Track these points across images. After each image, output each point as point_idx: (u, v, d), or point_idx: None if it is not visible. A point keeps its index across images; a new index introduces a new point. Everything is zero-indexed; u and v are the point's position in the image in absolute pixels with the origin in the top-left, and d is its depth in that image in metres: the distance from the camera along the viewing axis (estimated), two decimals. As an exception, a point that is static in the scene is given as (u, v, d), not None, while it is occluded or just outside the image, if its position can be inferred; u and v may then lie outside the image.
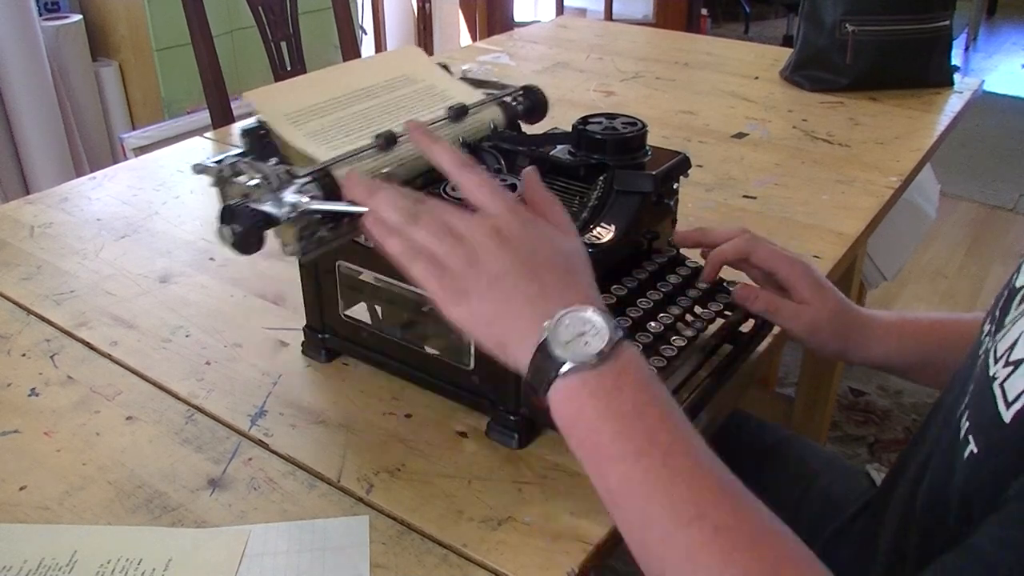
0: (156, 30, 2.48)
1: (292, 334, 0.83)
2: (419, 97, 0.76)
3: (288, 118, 0.68)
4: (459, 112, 0.75)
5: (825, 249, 0.98)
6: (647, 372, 0.52)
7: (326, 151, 0.66)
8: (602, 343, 0.50)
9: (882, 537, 0.65)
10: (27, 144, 2.32)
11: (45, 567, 0.58)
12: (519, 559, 0.58)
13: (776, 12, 5.21)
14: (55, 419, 0.72)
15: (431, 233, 0.55)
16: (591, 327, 0.51)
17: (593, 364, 0.50)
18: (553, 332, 0.51)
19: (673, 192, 0.79)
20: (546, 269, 0.54)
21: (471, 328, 0.55)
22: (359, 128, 0.70)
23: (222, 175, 0.63)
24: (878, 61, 1.45)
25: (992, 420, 0.48)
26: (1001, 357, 0.50)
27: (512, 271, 0.53)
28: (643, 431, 0.49)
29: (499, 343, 0.54)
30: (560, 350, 0.50)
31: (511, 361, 0.54)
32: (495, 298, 0.54)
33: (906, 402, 2.02)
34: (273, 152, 0.67)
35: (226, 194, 0.63)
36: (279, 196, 0.60)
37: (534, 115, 0.83)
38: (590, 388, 0.50)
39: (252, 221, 0.59)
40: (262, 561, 0.59)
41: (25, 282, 0.92)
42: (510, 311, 0.53)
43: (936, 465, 0.57)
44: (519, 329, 0.53)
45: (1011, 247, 2.76)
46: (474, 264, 0.54)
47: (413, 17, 3.66)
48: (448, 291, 0.54)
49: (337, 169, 0.64)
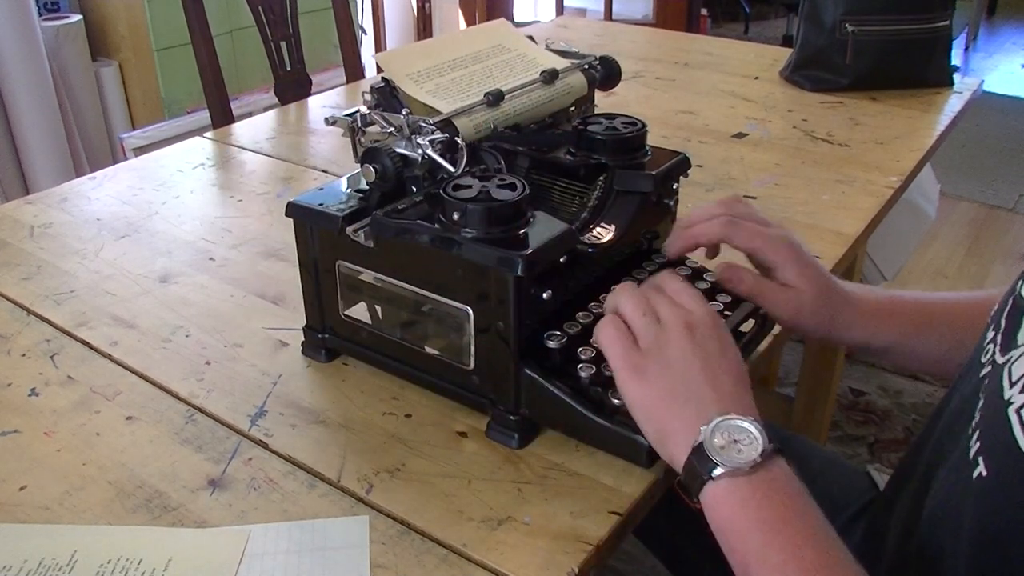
0: (156, 30, 2.49)
1: (292, 334, 0.82)
2: (516, 62, 0.86)
3: (410, 77, 0.78)
4: (551, 75, 0.84)
5: (825, 249, 0.98)
6: (797, 486, 0.52)
7: (446, 105, 0.76)
8: (756, 453, 0.51)
9: (888, 543, 0.65)
10: (27, 144, 2.32)
11: (45, 567, 0.58)
12: (519, 559, 0.58)
13: (776, 12, 5.21)
14: (55, 419, 0.72)
15: (636, 306, 0.60)
16: (747, 436, 0.52)
17: (745, 472, 0.51)
18: (710, 436, 0.53)
19: (673, 192, 0.79)
20: (723, 373, 0.57)
21: (637, 408, 0.58)
22: (469, 87, 0.80)
23: (355, 125, 0.74)
24: (878, 61, 1.45)
25: (1008, 447, 0.48)
26: (1017, 382, 0.50)
27: (691, 367, 0.56)
28: (790, 545, 0.50)
29: (658, 432, 0.56)
30: (714, 454, 0.52)
31: (666, 455, 0.56)
32: (666, 387, 0.56)
33: (906, 402, 2.02)
34: (399, 106, 0.75)
35: (358, 142, 0.74)
36: (413, 140, 0.70)
37: (609, 83, 0.91)
38: (740, 496, 0.51)
39: (391, 160, 0.69)
40: (262, 561, 0.59)
41: (25, 282, 0.92)
42: (675, 404, 0.55)
43: (943, 480, 0.57)
44: (679, 426, 0.55)
45: (1011, 247, 2.76)
46: (661, 348, 0.57)
47: (413, 17, 3.66)
48: (629, 364, 0.58)
49: (457, 119, 0.74)
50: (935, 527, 0.56)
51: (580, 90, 0.87)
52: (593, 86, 0.89)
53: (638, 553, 1.48)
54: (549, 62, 0.87)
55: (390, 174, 0.69)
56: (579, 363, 0.65)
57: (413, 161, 0.70)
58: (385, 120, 0.73)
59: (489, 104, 0.77)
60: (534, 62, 0.87)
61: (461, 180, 0.67)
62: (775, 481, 0.52)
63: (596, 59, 0.90)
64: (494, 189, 0.65)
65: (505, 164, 0.75)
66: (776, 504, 0.51)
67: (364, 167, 0.70)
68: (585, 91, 0.87)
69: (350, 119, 0.74)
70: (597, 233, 0.72)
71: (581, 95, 0.87)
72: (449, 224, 0.65)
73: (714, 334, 0.58)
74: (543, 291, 0.65)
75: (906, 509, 0.62)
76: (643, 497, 0.63)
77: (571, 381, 0.65)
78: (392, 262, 0.69)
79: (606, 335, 0.59)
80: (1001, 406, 0.50)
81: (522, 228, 0.65)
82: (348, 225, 0.68)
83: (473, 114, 0.75)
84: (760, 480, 0.51)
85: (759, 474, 0.51)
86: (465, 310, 0.66)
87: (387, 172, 0.69)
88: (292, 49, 1.64)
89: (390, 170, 0.69)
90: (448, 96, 0.78)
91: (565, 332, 0.67)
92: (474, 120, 0.75)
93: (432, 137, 0.70)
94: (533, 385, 0.66)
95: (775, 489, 0.51)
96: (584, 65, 0.88)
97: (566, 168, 0.77)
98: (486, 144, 0.76)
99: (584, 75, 0.88)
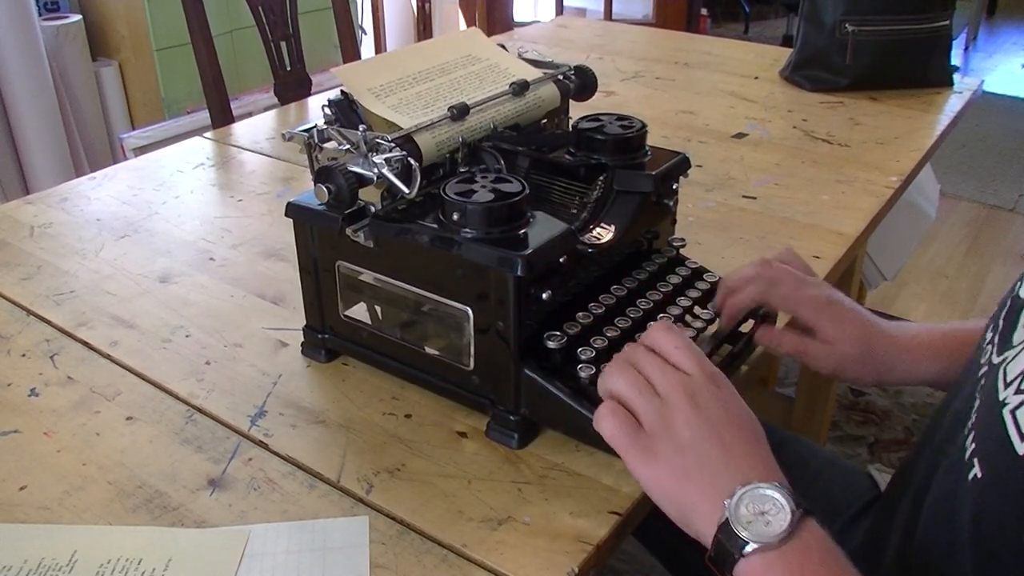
0: (156, 30, 2.48)
1: (292, 334, 0.82)
2: (485, 74, 0.83)
3: (372, 92, 0.75)
4: (521, 87, 0.80)
5: (825, 249, 0.98)
6: (831, 548, 0.51)
7: (407, 120, 0.72)
8: (784, 522, 0.50)
9: (889, 544, 0.65)
10: (27, 144, 2.32)
11: (45, 567, 0.58)
12: (519, 559, 0.58)
13: (776, 12, 5.21)
14: (55, 419, 0.72)
15: (630, 384, 0.57)
16: (772, 505, 0.51)
17: (776, 545, 0.50)
18: (735, 511, 0.51)
19: (673, 192, 0.79)
20: (734, 436, 0.55)
21: (654, 490, 0.56)
22: (434, 101, 0.77)
23: (311, 141, 0.71)
24: (878, 61, 1.45)
25: (1002, 448, 0.48)
26: (1012, 382, 0.50)
27: (701, 438, 0.54)
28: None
29: (680, 511, 0.55)
30: (742, 530, 0.50)
31: (692, 531, 0.54)
32: (682, 465, 0.54)
33: (906, 402, 2.02)
34: (358, 121, 0.73)
35: (314, 159, 0.71)
36: (370, 159, 0.67)
37: (585, 93, 0.88)
38: (775, 569, 0.50)
39: (346, 180, 0.66)
40: (262, 561, 0.59)
41: (25, 282, 0.92)
42: (692, 481, 0.54)
43: (941, 481, 0.57)
44: (700, 501, 0.53)
45: (1011, 247, 2.76)
46: (668, 426, 0.55)
47: (413, 17, 3.66)
48: (638, 449, 0.56)
49: (418, 135, 0.70)
50: (934, 528, 0.56)
51: (552, 102, 0.83)
52: (567, 97, 0.86)
53: (638, 553, 1.48)
54: (520, 73, 0.83)
55: (344, 194, 0.66)
56: (579, 363, 0.65)
57: (368, 180, 0.67)
58: (342, 136, 0.69)
59: (453, 119, 0.73)
60: (505, 73, 0.83)
61: (461, 180, 0.67)
62: (807, 550, 0.50)
63: (571, 69, 0.87)
64: (494, 189, 0.65)
65: (505, 164, 0.75)
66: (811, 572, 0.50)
67: (317, 187, 0.67)
68: (557, 103, 0.84)
69: (307, 135, 0.71)
70: (597, 233, 0.72)
71: (553, 107, 0.83)
72: (449, 224, 0.65)
73: (716, 395, 0.56)
74: (543, 291, 0.65)
75: (907, 510, 0.62)
76: (643, 497, 0.63)
77: (571, 381, 0.65)
78: (392, 262, 0.69)
79: (607, 426, 0.57)
80: (996, 407, 0.50)
81: (522, 228, 0.65)
82: (348, 225, 0.68)
83: (435, 130, 0.72)
84: (793, 550, 0.50)
85: (791, 544, 0.50)
86: (465, 310, 0.66)
87: (341, 192, 0.66)
88: (292, 49, 1.64)
89: (344, 190, 0.66)
90: (411, 111, 0.74)
91: (565, 332, 0.67)
92: (437, 136, 0.72)
93: (389, 155, 0.67)
94: (533, 385, 0.66)
95: (808, 558, 0.50)
96: (558, 76, 0.85)
97: (566, 168, 0.77)
98: (486, 144, 0.76)
99: (557, 86, 0.84)
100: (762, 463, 0.54)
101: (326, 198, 0.67)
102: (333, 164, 0.67)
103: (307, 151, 0.72)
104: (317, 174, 0.67)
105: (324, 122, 0.73)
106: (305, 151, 0.72)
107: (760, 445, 0.56)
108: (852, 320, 0.72)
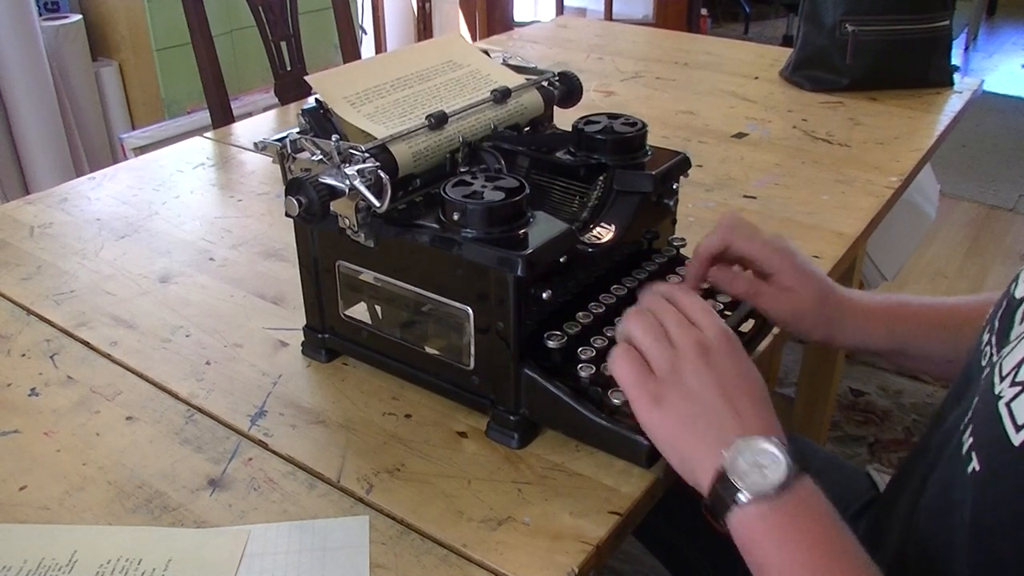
0: (156, 30, 2.49)
1: (292, 334, 0.82)
2: (466, 80, 0.81)
3: (347, 100, 0.73)
4: (503, 94, 0.79)
5: (825, 249, 0.98)
6: (823, 505, 0.52)
7: (383, 130, 0.70)
8: (780, 476, 0.51)
9: (888, 542, 0.65)
10: (27, 144, 2.32)
11: (45, 567, 0.58)
12: (519, 559, 0.58)
13: (776, 12, 5.21)
14: (55, 419, 0.72)
15: (647, 331, 0.59)
16: (770, 457, 0.52)
17: (771, 496, 0.51)
18: (732, 461, 0.52)
19: (673, 192, 0.79)
20: (742, 393, 0.56)
21: (658, 437, 0.57)
22: (412, 109, 0.75)
23: (284, 151, 0.68)
24: (878, 61, 1.45)
25: (998, 440, 0.48)
26: (1007, 375, 0.50)
27: (709, 391, 0.55)
28: (820, 566, 0.50)
29: (682, 459, 0.56)
30: (738, 480, 0.51)
31: (692, 481, 0.55)
32: (686, 413, 0.55)
33: (906, 402, 2.02)
34: (332, 131, 0.71)
35: (287, 169, 0.69)
36: (342, 170, 0.64)
37: (570, 100, 0.86)
38: (767, 520, 0.51)
39: (317, 192, 0.64)
40: (262, 561, 0.59)
41: (25, 282, 0.92)
42: (696, 430, 0.55)
43: (940, 476, 0.57)
44: (700, 451, 0.54)
45: (1011, 247, 2.76)
46: (677, 374, 0.56)
47: (413, 17, 3.66)
48: (646, 394, 0.57)
49: (393, 145, 0.68)
50: (933, 523, 0.56)
51: (535, 109, 0.82)
52: (551, 104, 0.84)
53: (638, 553, 1.48)
54: (503, 79, 0.81)
55: (315, 207, 0.64)
56: (579, 363, 0.65)
57: (341, 192, 0.64)
58: (315, 146, 0.67)
59: (431, 127, 0.72)
60: (487, 79, 0.81)
61: (461, 180, 0.67)
62: (801, 503, 0.51)
63: (555, 75, 0.85)
64: (494, 189, 0.65)
65: (505, 164, 0.75)
66: (802, 527, 0.51)
67: (287, 199, 0.65)
68: (541, 110, 0.82)
69: (279, 144, 0.69)
70: (597, 233, 0.72)
71: (536, 114, 0.82)
72: (449, 224, 0.65)
73: (729, 353, 0.58)
74: (543, 291, 0.65)
75: (906, 509, 0.62)
76: (643, 497, 0.63)
77: (571, 381, 0.65)
78: (392, 262, 0.69)
79: (620, 367, 0.58)
80: (992, 401, 0.50)
81: (522, 228, 0.65)
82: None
83: (412, 139, 0.70)
84: (786, 503, 0.51)
85: (784, 497, 0.51)
86: (465, 310, 0.66)
87: (312, 205, 0.64)
88: (292, 49, 1.64)
89: (315, 203, 0.64)
90: (388, 119, 0.72)
91: (565, 332, 0.67)
92: (413, 146, 0.70)
93: (362, 166, 0.64)
94: (533, 385, 0.66)
95: (801, 511, 0.51)
96: (542, 82, 0.83)
97: (566, 168, 0.77)
98: (486, 144, 0.76)
99: (540, 93, 0.83)
100: (764, 421, 0.55)
101: (296, 211, 0.65)
102: (304, 176, 0.65)
103: (279, 161, 0.69)
104: (288, 186, 0.65)
105: (298, 131, 0.71)
106: (278, 161, 0.70)
107: (764, 405, 0.57)
108: (811, 273, 0.73)
